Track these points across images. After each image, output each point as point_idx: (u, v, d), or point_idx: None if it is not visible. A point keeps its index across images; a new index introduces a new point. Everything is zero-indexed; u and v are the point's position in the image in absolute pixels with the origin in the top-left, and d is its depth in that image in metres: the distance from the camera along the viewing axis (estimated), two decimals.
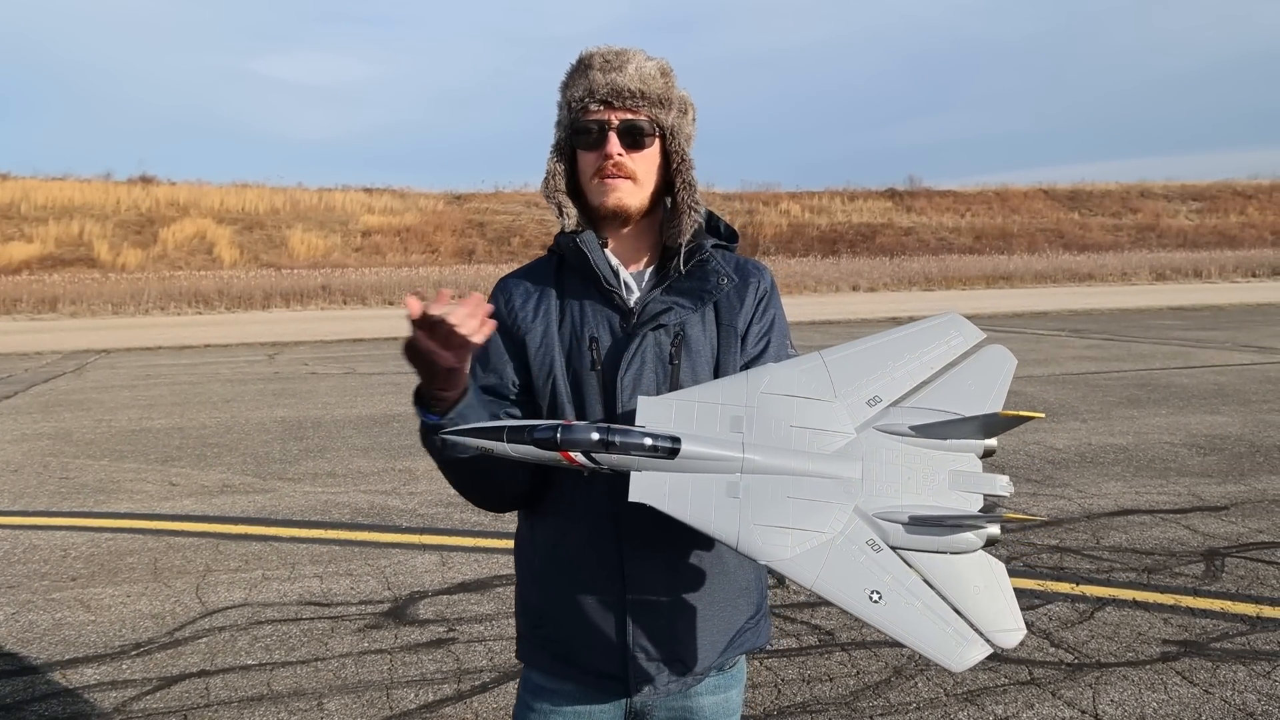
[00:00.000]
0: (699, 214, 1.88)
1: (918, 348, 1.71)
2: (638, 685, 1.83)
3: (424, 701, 3.94)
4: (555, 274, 1.92)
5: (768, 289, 1.93)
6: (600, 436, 1.56)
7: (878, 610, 1.44)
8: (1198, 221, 57.70)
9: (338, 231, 48.67)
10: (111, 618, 4.91)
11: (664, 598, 1.82)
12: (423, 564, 5.65)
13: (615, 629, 1.83)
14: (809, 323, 23.07)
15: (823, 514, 1.51)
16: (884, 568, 1.48)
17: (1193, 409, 10.22)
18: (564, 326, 1.87)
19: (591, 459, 1.55)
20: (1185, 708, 3.76)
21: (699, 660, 1.86)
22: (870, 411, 1.61)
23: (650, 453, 1.55)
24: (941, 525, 1.51)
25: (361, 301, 33.99)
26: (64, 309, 30.99)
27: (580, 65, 1.84)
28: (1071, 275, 41.23)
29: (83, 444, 9.57)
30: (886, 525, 1.51)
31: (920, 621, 1.45)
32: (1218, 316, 23.11)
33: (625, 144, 1.81)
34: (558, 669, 1.88)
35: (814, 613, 4.76)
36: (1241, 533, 5.92)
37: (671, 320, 1.83)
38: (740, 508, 1.50)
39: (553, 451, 1.56)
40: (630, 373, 1.80)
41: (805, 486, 1.53)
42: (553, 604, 1.88)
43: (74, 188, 48.26)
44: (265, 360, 17.22)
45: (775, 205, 56.01)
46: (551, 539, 1.88)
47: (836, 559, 1.47)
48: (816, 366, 1.65)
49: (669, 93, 1.84)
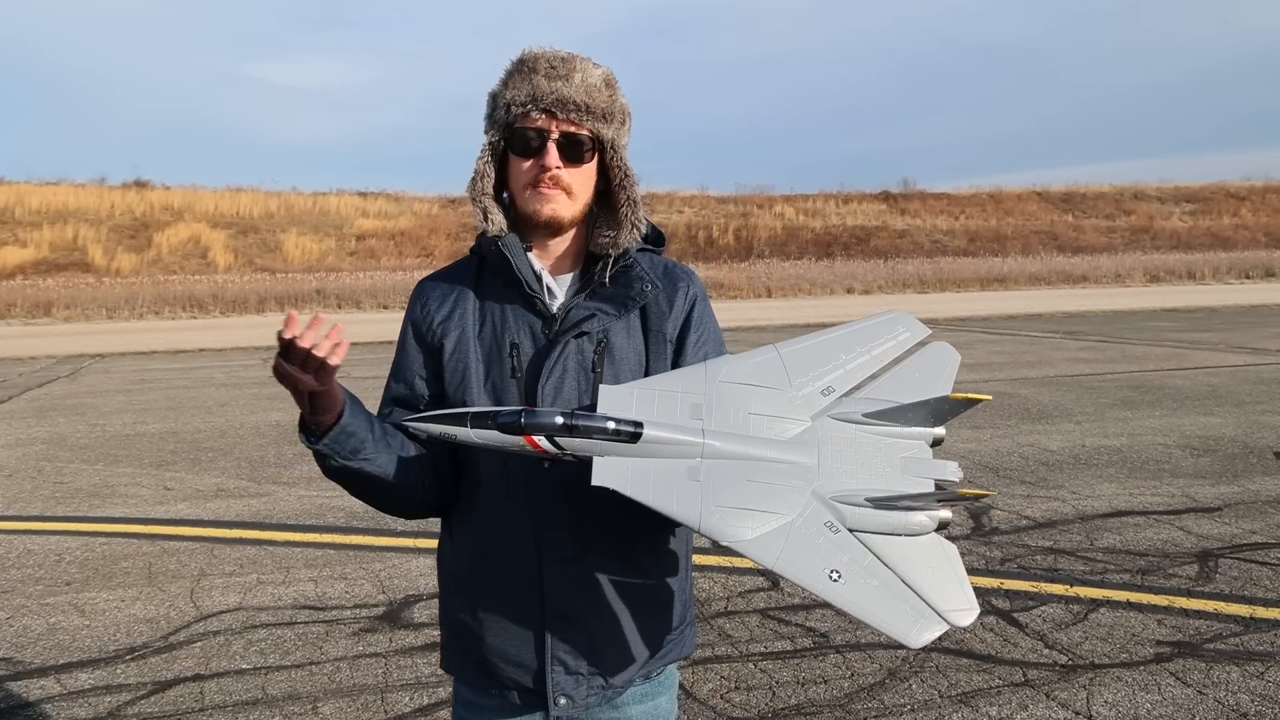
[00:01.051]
0: (640, 230, 1.84)
1: (868, 341, 1.77)
2: (556, 699, 1.81)
3: (419, 705, 3.94)
4: (475, 276, 1.88)
5: (697, 294, 1.90)
6: (564, 421, 1.55)
7: (837, 589, 1.48)
8: (1191, 223, 57.85)
9: (332, 235, 48.66)
10: (106, 622, 4.91)
11: (583, 613, 1.80)
12: (417, 567, 5.64)
13: (534, 644, 1.81)
14: (803, 325, 23.08)
15: (781, 497, 1.54)
16: (842, 548, 1.51)
17: (1186, 410, 10.25)
18: (484, 331, 1.83)
19: (555, 444, 1.56)
20: (1179, 709, 3.77)
21: (620, 674, 1.84)
22: (824, 400, 1.65)
23: (613, 437, 1.55)
24: (896, 506, 1.54)
25: (356, 305, 34.00)
26: (58, 313, 30.95)
27: (523, 67, 1.78)
28: (1065, 277, 41.32)
29: (77, 448, 9.55)
30: (843, 508, 1.55)
31: (878, 600, 1.48)
32: (1211, 318, 23.17)
33: (564, 157, 1.77)
34: (480, 681, 1.87)
35: (808, 615, 4.77)
36: (1235, 534, 5.93)
37: (595, 327, 1.79)
38: (702, 491, 1.53)
39: (516, 436, 1.56)
40: (551, 381, 1.77)
41: (764, 471, 1.56)
42: (473, 617, 1.86)
43: (68, 192, 48.20)
44: (260, 364, 17.20)
45: (769, 208, 56.07)
46: (471, 553, 1.86)
47: (796, 540, 1.50)
48: (772, 358, 1.69)
49: (612, 105, 1.80)
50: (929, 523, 1.57)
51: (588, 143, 1.78)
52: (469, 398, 1.80)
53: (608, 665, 1.82)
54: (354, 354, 19.03)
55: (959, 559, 1.58)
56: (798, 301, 32.90)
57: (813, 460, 1.59)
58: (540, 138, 1.77)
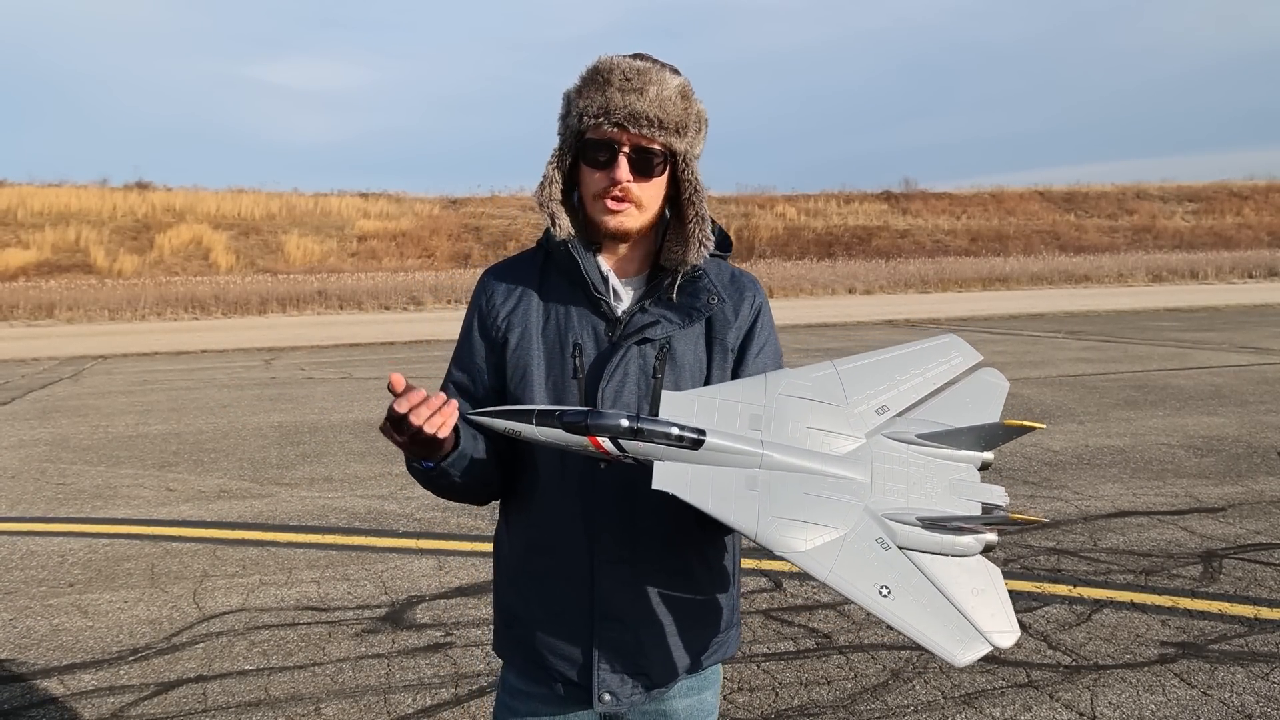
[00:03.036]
0: (708, 248, 1.83)
1: (921, 363, 1.80)
2: (600, 695, 1.82)
3: (421, 706, 3.94)
4: (540, 271, 1.89)
5: (761, 305, 1.91)
6: (629, 424, 1.57)
7: (887, 604, 1.50)
8: (1194, 223, 57.79)
9: (334, 236, 48.66)
10: (109, 623, 4.91)
11: (633, 615, 1.82)
12: (420, 568, 5.64)
13: (583, 641, 1.83)
14: (805, 325, 23.09)
15: (835, 511, 1.57)
16: (892, 565, 1.54)
17: (1190, 410, 10.23)
18: (547, 329, 1.84)
19: (618, 446, 1.58)
20: (1183, 709, 3.76)
21: (665, 674, 1.86)
22: (879, 419, 1.68)
23: (676, 443, 1.57)
24: (946, 528, 1.57)
25: (358, 306, 33.98)
26: (60, 315, 30.96)
27: (597, 78, 1.76)
28: (1068, 277, 41.27)
29: (80, 450, 9.56)
30: (895, 525, 1.57)
31: (925, 617, 1.50)
32: (1214, 318, 23.15)
33: (635, 170, 1.76)
34: (528, 669, 1.89)
35: (810, 616, 4.76)
36: (1239, 534, 5.92)
37: (658, 334, 1.80)
38: (759, 500, 1.55)
39: (581, 436, 1.58)
40: (612, 384, 1.78)
41: (819, 485, 1.58)
42: (524, 607, 1.89)
43: (70, 194, 48.22)
44: (262, 365, 17.21)
45: (771, 208, 56.05)
46: (526, 546, 1.88)
47: (848, 554, 1.52)
48: (830, 374, 1.71)
49: (686, 118, 1.78)
50: (975, 545, 1.60)
51: (659, 156, 1.77)
52: (529, 395, 1.81)
53: (653, 667, 1.84)
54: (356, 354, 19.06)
55: (1002, 581, 1.61)
56: (799, 301, 32.89)
57: (866, 477, 1.61)
58: (611, 151, 1.76)
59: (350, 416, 11.23)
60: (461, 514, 6.73)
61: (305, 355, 18.88)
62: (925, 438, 1.66)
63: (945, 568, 1.57)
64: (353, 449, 9.24)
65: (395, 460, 8.64)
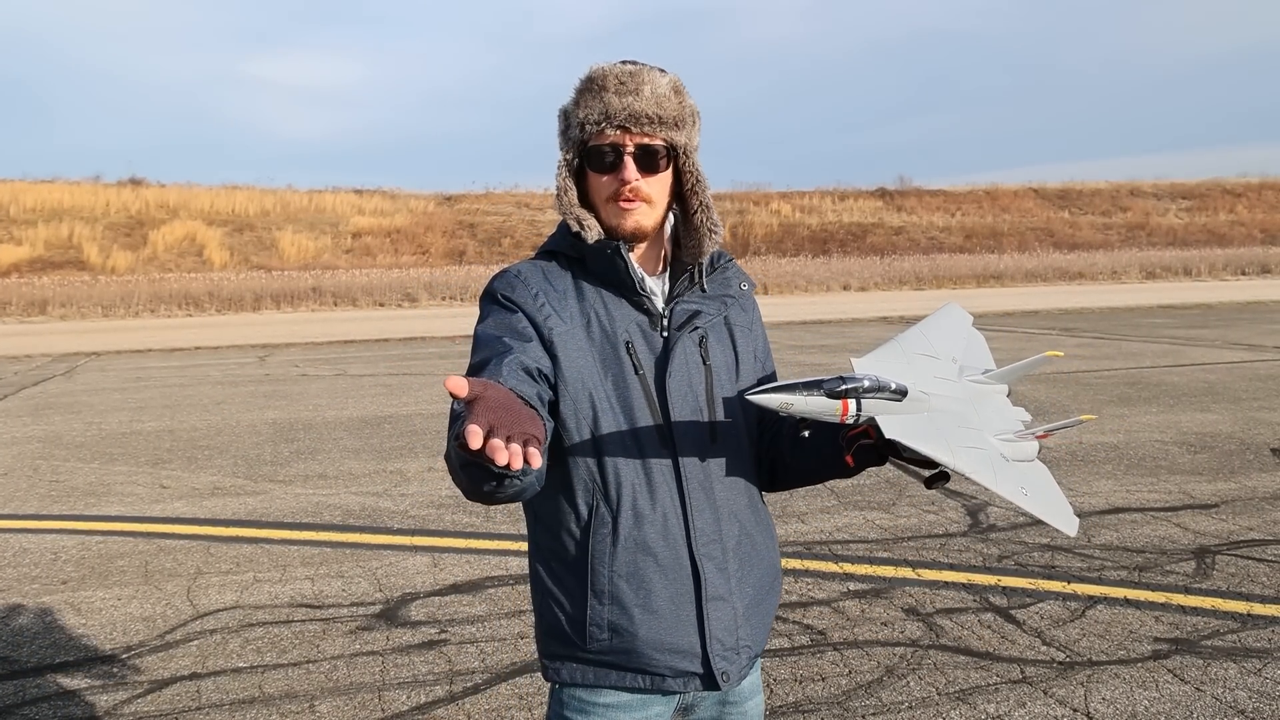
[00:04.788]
0: (718, 236, 1.90)
1: (950, 329, 2.06)
2: (722, 676, 1.85)
3: (416, 703, 3.93)
4: (571, 276, 1.89)
5: (750, 285, 2.05)
6: (871, 383, 1.69)
7: (1027, 501, 1.77)
8: (1187, 220, 57.94)
9: (328, 233, 48.60)
10: (102, 621, 4.90)
11: (729, 590, 1.87)
12: (414, 565, 5.64)
13: (696, 629, 1.84)
14: (800, 322, 23.11)
15: (979, 437, 1.82)
16: (1020, 471, 1.82)
17: (1183, 407, 10.25)
18: (591, 329, 1.84)
19: (859, 404, 1.69)
20: (1176, 705, 3.77)
21: (758, 642, 1.93)
22: (955, 368, 1.93)
23: (894, 395, 1.72)
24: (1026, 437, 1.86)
25: (352, 303, 33.96)
26: (54, 312, 30.90)
27: (592, 85, 1.82)
28: (1062, 274, 41.37)
29: (73, 447, 9.53)
30: (1001, 443, 1.83)
31: (1047, 504, 1.81)
32: (1207, 315, 23.20)
33: (641, 168, 1.82)
34: (624, 681, 1.84)
35: (805, 613, 4.77)
36: (1232, 530, 5.94)
37: (703, 322, 1.89)
38: (943, 435, 1.77)
39: (837, 401, 1.67)
40: (676, 376, 1.83)
41: (965, 418, 1.83)
42: (624, 616, 1.81)
43: (63, 190, 48.14)
44: (256, 362, 17.19)
45: (766, 205, 56.08)
46: (633, 549, 1.81)
47: (998, 468, 1.79)
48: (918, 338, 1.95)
49: (682, 111, 1.84)
50: (1035, 449, 1.88)
51: (662, 151, 1.83)
52: (593, 396, 1.80)
53: (751, 637, 1.91)
54: (350, 351, 19.02)
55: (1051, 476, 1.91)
56: (794, 299, 32.92)
57: (973, 410, 1.87)
58: (616, 153, 1.81)
59: (344, 413, 11.21)
60: (456, 511, 6.73)
61: (299, 352, 18.85)
62: (991, 374, 1.92)
63: (1036, 469, 1.86)
64: (347, 446, 9.23)
65: (390, 457, 8.64)
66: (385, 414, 11.09)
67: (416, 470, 8.06)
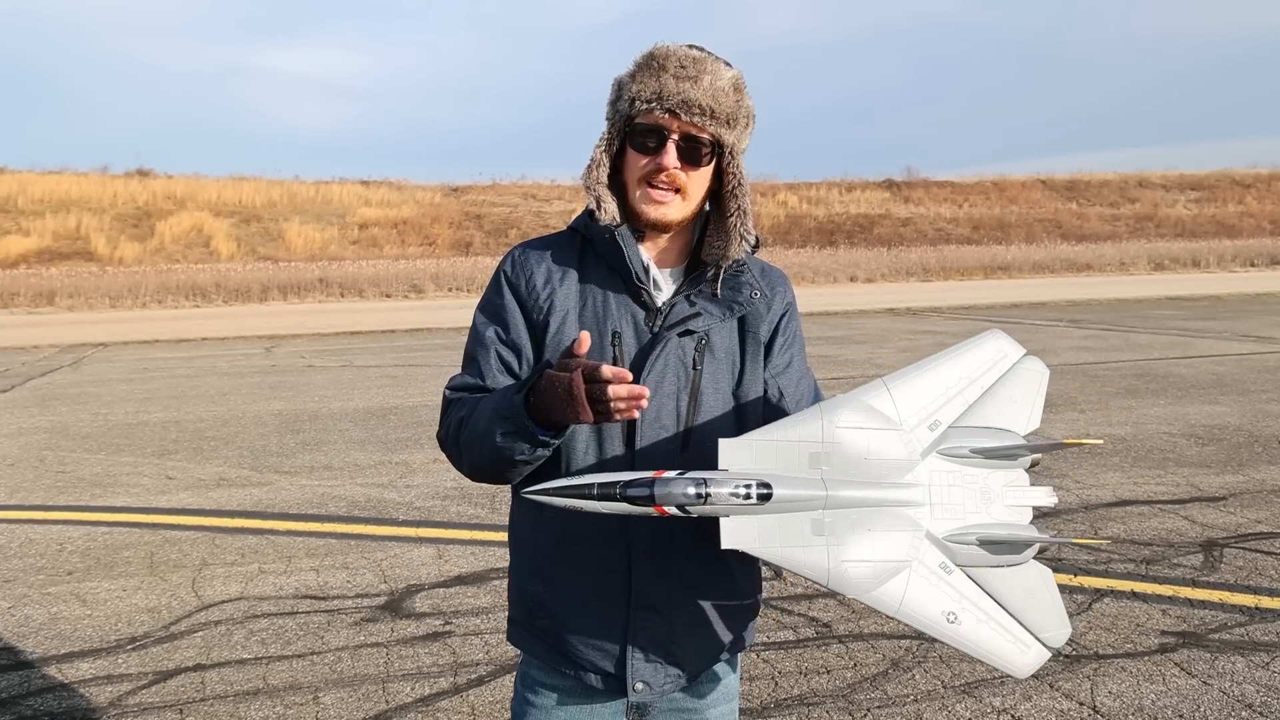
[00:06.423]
0: (749, 242, 1.84)
1: (970, 368, 1.79)
2: (634, 684, 1.81)
3: (420, 695, 3.93)
4: (579, 256, 1.86)
5: (791, 300, 1.94)
6: (696, 490, 1.55)
7: (954, 630, 1.54)
8: (1196, 211, 57.67)
9: (335, 224, 48.59)
10: (107, 612, 4.90)
11: (668, 605, 1.81)
12: (419, 557, 5.64)
13: (618, 630, 1.81)
14: (807, 314, 23.05)
15: (900, 543, 1.58)
16: (956, 589, 1.57)
17: (1191, 399, 10.21)
18: (584, 313, 1.82)
19: (684, 510, 1.56)
20: (1184, 699, 3.75)
21: (698, 664, 1.86)
22: (932, 436, 1.67)
23: (745, 501, 1.56)
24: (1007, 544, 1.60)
25: (359, 294, 33.96)
26: (61, 303, 30.95)
27: (652, 63, 1.77)
28: (1069, 265, 41.23)
29: (79, 437, 9.55)
30: (955, 547, 1.59)
31: (990, 637, 1.55)
32: (1216, 306, 23.11)
33: (683, 158, 1.76)
34: (556, 661, 1.86)
35: (810, 605, 4.75)
36: (1240, 523, 5.91)
37: (699, 326, 1.80)
38: (827, 545, 1.55)
39: (646, 507, 1.56)
40: (653, 375, 1.76)
41: (882, 517, 1.58)
42: (553, 597, 1.85)
43: (71, 181, 48.15)
44: (262, 353, 17.20)
45: (773, 196, 55.94)
46: (558, 535, 1.83)
47: (915, 586, 1.55)
48: (882, 395, 1.69)
49: (737, 110, 1.79)
50: (1031, 550, 1.63)
51: (708, 146, 1.77)
52: None
53: (687, 657, 1.84)
54: (357, 342, 19.05)
55: (1052, 578, 1.64)
56: (801, 290, 32.70)
57: (925, 500, 1.62)
58: (660, 136, 1.76)
59: (350, 405, 11.22)
60: (461, 502, 6.73)
61: (306, 343, 18.87)
62: (981, 451, 1.67)
63: (1004, 577, 1.60)
64: (353, 437, 9.23)
65: (395, 448, 8.63)
66: (391, 405, 11.09)
67: (422, 462, 8.06)
